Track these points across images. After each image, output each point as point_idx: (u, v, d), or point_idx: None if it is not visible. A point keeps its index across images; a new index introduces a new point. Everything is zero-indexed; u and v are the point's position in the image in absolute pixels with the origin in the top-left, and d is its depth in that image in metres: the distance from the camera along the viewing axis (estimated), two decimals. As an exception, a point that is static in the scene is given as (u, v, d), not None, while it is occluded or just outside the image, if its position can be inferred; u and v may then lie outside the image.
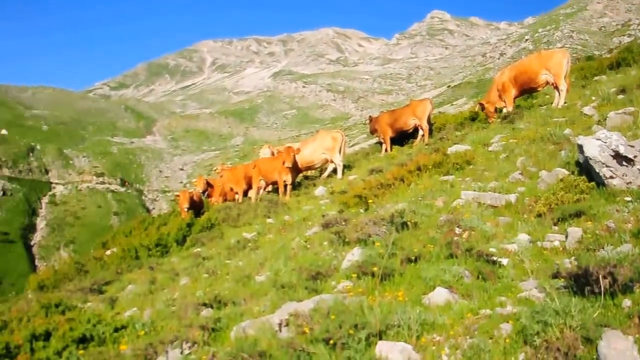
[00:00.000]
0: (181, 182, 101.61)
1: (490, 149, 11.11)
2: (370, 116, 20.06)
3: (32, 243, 75.67)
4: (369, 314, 4.75)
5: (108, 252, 16.44)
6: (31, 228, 78.66)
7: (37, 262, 71.13)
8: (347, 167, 17.84)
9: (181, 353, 5.77)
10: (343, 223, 8.98)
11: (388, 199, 9.98)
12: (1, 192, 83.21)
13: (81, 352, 6.76)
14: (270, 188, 17.87)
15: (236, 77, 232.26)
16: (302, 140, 23.14)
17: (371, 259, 6.39)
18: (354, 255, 7.04)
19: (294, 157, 15.94)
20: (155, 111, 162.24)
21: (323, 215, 10.61)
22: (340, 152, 17.08)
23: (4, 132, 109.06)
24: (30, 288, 21.64)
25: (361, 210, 9.83)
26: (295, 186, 16.94)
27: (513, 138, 11.07)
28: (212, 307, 7.14)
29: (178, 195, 18.42)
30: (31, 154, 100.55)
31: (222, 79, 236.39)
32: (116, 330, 7.35)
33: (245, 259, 9.77)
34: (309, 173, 19.47)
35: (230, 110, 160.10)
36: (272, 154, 19.16)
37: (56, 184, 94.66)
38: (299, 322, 5.10)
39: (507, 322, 4.24)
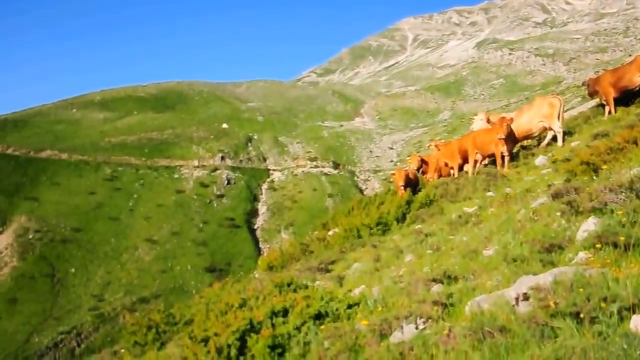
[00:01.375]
0: (391, 161, 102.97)
1: None
2: (589, 77, 18.33)
3: (255, 227, 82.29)
4: (616, 287, 4.32)
5: (330, 233, 17.14)
6: (254, 213, 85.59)
7: (260, 245, 77.16)
8: (567, 133, 16.52)
9: (416, 328, 5.75)
10: (574, 192, 8.30)
11: (621, 165, 9.00)
12: (226, 181, 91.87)
13: (320, 327, 7.10)
14: (486, 161, 17.21)
15: (439, 52, 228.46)
16: (516, 109, 21.82)
17: (611, 229, 5.78)
18: (590, 225, 6.44)
19: (509, 128, 15.16)
20: (362, 93, 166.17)
21: (549, 185, 9.92)
22: (559, 118, 15.84)
23: (224, 125, 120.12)
24: (260, 268, 23.48)
25: (593, 178, 9.01)
26: (513, 157, 16.12)
27: None
28: (441, 282, 7.05)
29: (393, 174, 18.52)
30: (250, 144, 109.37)
31: (425, 55, 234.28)
32: (349, 306, 7.61)
33: (469, 233, 9.52)
34: (525, 143, 18.38)
35: (436, 86, 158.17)
36: (488, 120, 18.29)
37: (274, 170, 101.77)
38: (541, 295, 4.80)
39: None
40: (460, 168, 17.90)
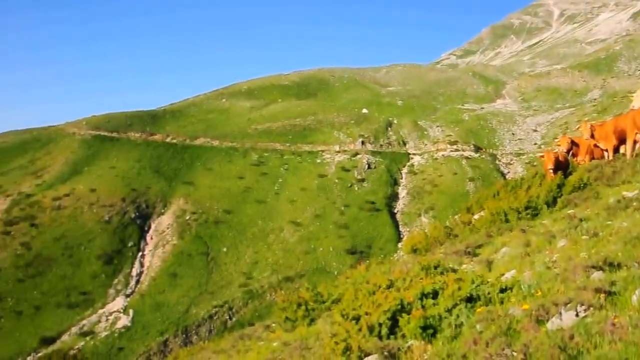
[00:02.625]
0: (535, 144, 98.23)
1: None
2: None
3: (395, 211, 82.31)
4: None
5: (476, 217, 16.88)
6: (394, 197, 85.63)
7: (400, 228, 77.17)
8: None
9: (576, 315, 5.60)
10: None
11: None
12: (366, 166, 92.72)
13: (472, 310, 7.10)
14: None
15: (588, 26, 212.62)
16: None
17: None
18: None
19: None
20: (503, 74, 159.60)
21: None
22: None
23: (364, 110, 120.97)
24: (404, 251, 23.60)
25: None
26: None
27: None
28: (602, 269, 6.77)
29: (542, 157, 17.79)
30: (389, 128, 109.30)
31: (572, 31, 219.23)
32: (502, 291, 7.53)
33: (629, 219, 8.98)
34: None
35: (584, 63, 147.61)
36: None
37: (413, 154, 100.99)
38: None
39: None
40: (616, 150, 16.73)
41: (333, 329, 10.20)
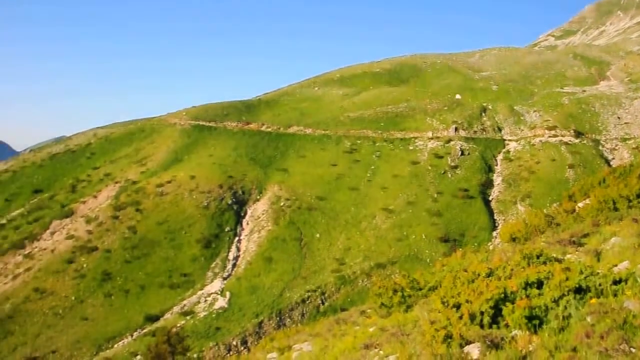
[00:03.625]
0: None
1: None
2: None
3: (490, 198, 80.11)
4: None
5: (580, 205, 16.19)
6: (488, 184, 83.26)
7: (495, 217, 75.09)
8: None
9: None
10: None
11: None
12: (460, 152, 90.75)
13: (582, 301, 6.87)
14: None
15: None
16: None
17: None
18: None
19: None
20: (608, 54, 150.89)
21: None
22: None
23: (458, 96, 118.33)
24: (502, 239, 23.01)
25: None
26: None
27: None
28: None
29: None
30: (483, 114, 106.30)
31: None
32: (615, 282, 7.21)
33: None
34: None
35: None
36: None
37: (509, 140, 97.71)
38: None
39: None
40: None
41: (432, 316, 10.16)
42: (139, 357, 48.29)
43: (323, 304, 59.16)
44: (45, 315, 59.96)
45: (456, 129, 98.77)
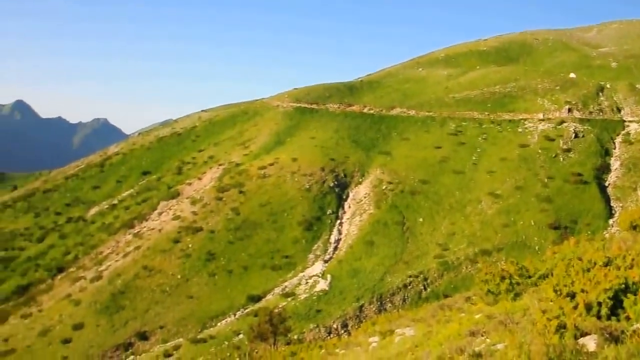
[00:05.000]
0: None
1: None
2: None
3: (606, 184, 75.38)
4: None
5: None
6: (605, 168, 78.37)
7: (612, 203, 70.61)
8: None
9: None
10: None
11: None
12: (573, 135, 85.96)
13: None
14: None
15: None
16: None
17: None
18: None
19: None
20: None
21: None
22: None
23: (572, 75, 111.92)
24: (620, 227, 21.57)
25: None
26: None
27: None
28: None
29: None
30: (601, 94, 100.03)
31: None
32: None
33: None
34: None
35: None
36: None
37: (630, 121, 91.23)
38: None
39: None
40: None
41: (543, 305, 9.65)
42: (241, 335, 49.99)
43: (425, 289, 58.46)
44: (154, 292, 63.44)
45: (569, 110, 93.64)
